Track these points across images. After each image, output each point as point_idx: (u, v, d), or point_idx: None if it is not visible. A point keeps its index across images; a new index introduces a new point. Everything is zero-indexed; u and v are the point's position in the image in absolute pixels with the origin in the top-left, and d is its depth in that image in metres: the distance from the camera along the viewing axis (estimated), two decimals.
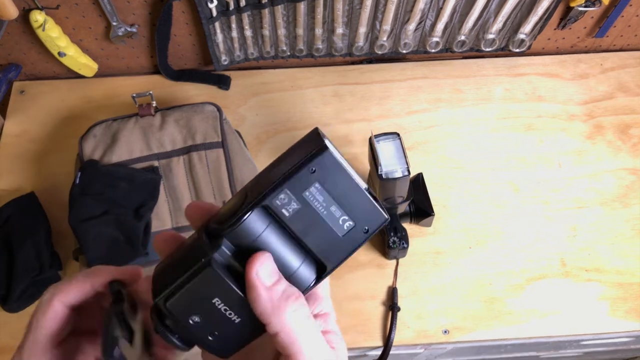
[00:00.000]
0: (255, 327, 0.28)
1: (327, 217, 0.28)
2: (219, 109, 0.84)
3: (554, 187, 0.86)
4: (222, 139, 0.82)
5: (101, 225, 0.73)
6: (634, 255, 0.80)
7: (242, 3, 0.82)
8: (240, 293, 0.28)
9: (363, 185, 0.29)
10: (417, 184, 0.80)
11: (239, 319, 0.28)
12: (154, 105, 0.83)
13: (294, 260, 0.29)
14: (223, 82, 0.95)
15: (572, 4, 0.87)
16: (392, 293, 0.77)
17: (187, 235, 0.30)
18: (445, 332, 0.74)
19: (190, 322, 0.28)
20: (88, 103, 0.94)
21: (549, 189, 0.86)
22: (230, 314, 0.28)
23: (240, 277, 0.28)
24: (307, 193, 0.27)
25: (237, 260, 0.28)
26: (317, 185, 0.27)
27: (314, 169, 0.27)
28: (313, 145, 0.27)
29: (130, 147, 0.80)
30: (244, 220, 0.27)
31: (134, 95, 0.83)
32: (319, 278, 0.29)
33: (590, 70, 0.98)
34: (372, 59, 0.99)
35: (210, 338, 0.29)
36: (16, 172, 0.87)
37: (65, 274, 0.78)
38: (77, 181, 0.75)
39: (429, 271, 0.79)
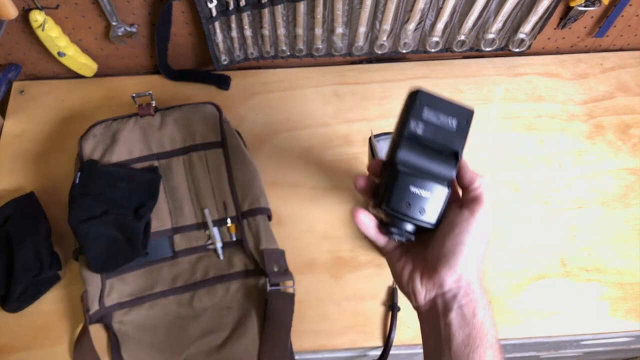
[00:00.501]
0: (442, 197, 0.48)
1: (442, 123, 0.50)
2: (218, 109, 0.84)
3: (554, 187, 0.86)
4: (222, 139, 0.82)
5: (101, 225, 0.73)
6: (634, 255, 0.80)
7: (242, 3, 0.82)
8: (423, 177, 0.48)
9: (449, 97, 0.50)
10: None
11: (429, 195, 0.48)
12: (153, 105, 0.83)
13: (437, 157, 0.50)
14: (223, 82, 0.95)
15: (572, 4, 0.87)
16: (392, 293, 0.77)
17: (186, 235, 0.30)
18: None
19: (405, 206, 0.47)
20: (88, 103, 0.94)
21: (549, 189, 0.86)
22: (422, 193, 0.48)
23: (414, 175, 0.49)
24: (423, 115, 0.49)
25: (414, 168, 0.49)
26: (426, 108, 0.49)
27: (420, 100, 0.49)
28: (413, 93, 0.50)
29: (130, 147, 0.80)
30: (402, 145, 0.49)
31: (134, 95, 0.83)
32: (456, 164, 0.50)
33: (590, 70, 0.98)
34: (372, 58, 0.99)
35: (419, 214, 0.48)
36: (16, 172, 0.87)
37: (65, 274, 0.78)
38: (77, 181, 0.75)
39: None
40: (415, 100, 0.49)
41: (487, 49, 0.94)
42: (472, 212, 0.47)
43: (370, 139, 0.70)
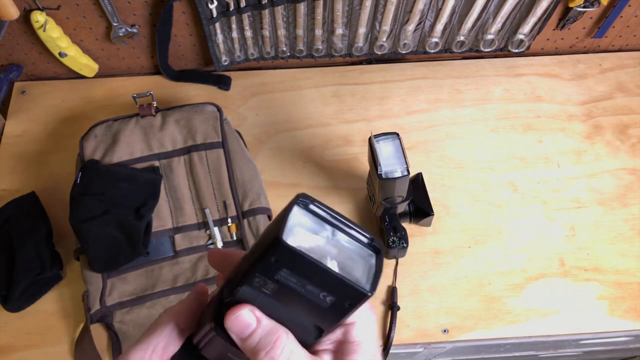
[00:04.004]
0: None
1: (306, 294, 0.27)
2: (219, 109, 0.84)
3: (553, 187, 0.86)
4: (222, 139, 0.82)
5: (102, 225, 0.73)
6: (632, 254, 0.81)
7: (242, 4, 0.82)
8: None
9: (334, 267, 0.27)
10: (417, 184, 0.80)
11: None
12: (154, 105, 0.83)
13: (293, 319, 0.30)
14: (223, 83, 0.96)
15: (571, 5, 0.87)
16: (392, 292, 0.77)
17: (187, 234, 0.30)
18: (445, 331, 0.75)
19: None
20: (89, 103, 0.94)
21: (548, 189, 0.86)
22: None
23: None
24: (278, 276, 0.27)
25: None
26: (284, 270, 0.27)
27: (274, 259, 0.26)
28: (274, 231, 0.26)
29: (131, 147, 0.80)
30: (237, 293, 0.28)
31: (135, 95, 0.83)
32: (320, 336, 0.30)
33: (589, 71, 0.99)
34: (372, 59, 0.99)
35: None
36: (17, 172, 0.87)
37: (66, 273, 0.78)
38: (78, 181, 0.75)
39: (429, 271, 0.79)
40: (266, 255, 0.27)
41: (486, 50, 0.95)
42: None
43: (370, 139, 0.70)
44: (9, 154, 0.89)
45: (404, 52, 0.94)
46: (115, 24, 0.86)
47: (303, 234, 0.27)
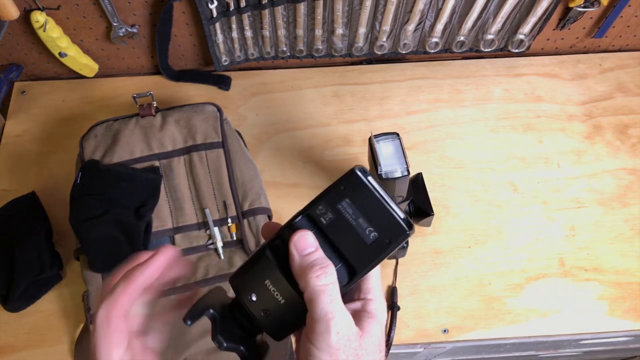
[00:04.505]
0: (296, 310, 0.34)
1: (356, 227, 0.34)
2: (219, 109, 0.84)
3: (553, 187, 0.86)
4: (222, 139, 0.82)
5: (102, 225, 0.73)
6: (632, 254, 0.81)
7: (243, 4, 0.82)
8: (284, 276, 0.35)
9: (387, 202, 0.34)
10: (417, 184, 0.80)
11: (283, 300, 0.35)
12: (154, 105, 0.83)
13: (332, 260, 0.35)
14: (223, 83, 0.96)
15: (571, 5, 0.87)
16: (392, 292, 0.77)
17: (187, 234, 0.32)
18: (445, 331, 0.75)
19: (249, 298, 0.35)
20: (89, 103, 0.94)
21: (548, 189, 0.86)
22: (277, 294, 0.35)
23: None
24: (339, 206, 0.35)
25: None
26: (347, 200, 0.35)
27: (343, 187, 0.35)
28: (347, 171, 0.36)
29: (131, 147, 0.80)
30: (296, 222, 0.35)
31: (135, 95, 0.83)
32: (350, 281, 0.35)
33: (589, 71, 0.99)
34: (372, 59, 0.99)
35: (262, 315, 0.35)
36: (17, 172, 0.87)
37: (66, 273, 0.78)
38: (78, 181, 0.75)
39: (429, 271, 0.79)
40: (340, 183, 0.36)
41: (487, 50, 0.95)
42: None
43: (370, 139, 0.70)
44: (9, 154, 0.89)
45: (404, 52, 0.94)
46: (115, 24, 0.86)
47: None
